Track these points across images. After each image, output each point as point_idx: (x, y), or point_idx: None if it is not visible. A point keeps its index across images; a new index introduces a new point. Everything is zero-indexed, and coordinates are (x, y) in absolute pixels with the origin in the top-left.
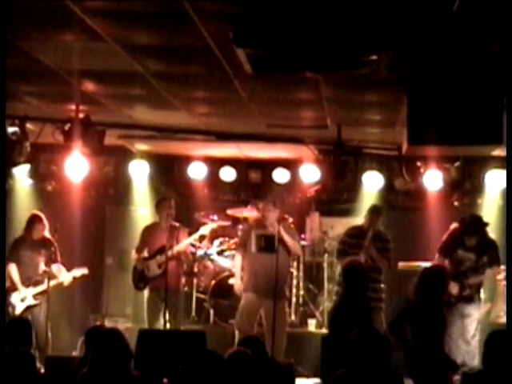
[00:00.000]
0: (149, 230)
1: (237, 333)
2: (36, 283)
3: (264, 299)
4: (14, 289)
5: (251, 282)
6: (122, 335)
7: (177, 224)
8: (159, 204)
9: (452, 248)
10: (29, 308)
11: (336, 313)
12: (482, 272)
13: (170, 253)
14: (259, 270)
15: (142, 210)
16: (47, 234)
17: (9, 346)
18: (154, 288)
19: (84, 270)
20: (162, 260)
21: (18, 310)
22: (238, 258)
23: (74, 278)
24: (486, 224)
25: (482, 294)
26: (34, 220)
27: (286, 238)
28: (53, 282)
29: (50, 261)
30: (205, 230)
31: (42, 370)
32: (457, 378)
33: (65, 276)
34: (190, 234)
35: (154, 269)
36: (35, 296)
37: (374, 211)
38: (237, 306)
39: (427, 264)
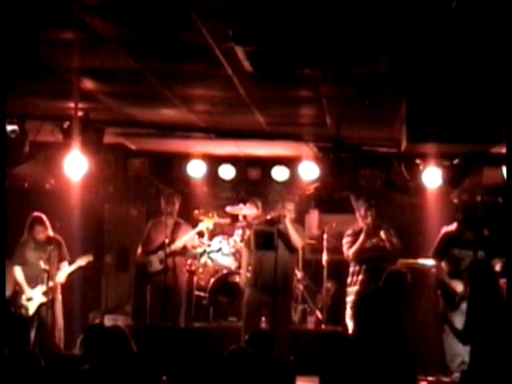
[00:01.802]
0: (154, 225)
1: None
2: (43, 281)
3: (268, 297)
4: (22, 291)
5: (257, 280)
6: (125, 334)
7: (181, 220)
8: (162, 200)
9: (446, 249)
10: (41, 306)
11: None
12: None
13: (169, 249)
14: (265, 267)
15: (141, 207)
16: (51, 232)
17: (7, 345)
18: (155, 284)
19: (89, 257)
20: (164, 256)
21: (31, 310)
22: (246, 252)
23: (81, 267)
24: (485, 219)
25: None
26: (34, 222)
27: (292, 232)
28: (57, 279)
29: (52, 260)
30: (203, 226)
31: None
32: (456, 375)
33: (62, 275)
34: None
35: (155, 264)
36: (44, 293)
37: (364, 206)
38: (236, 303)
39: (426, 261)
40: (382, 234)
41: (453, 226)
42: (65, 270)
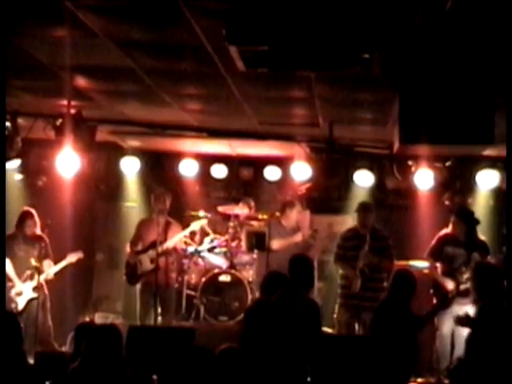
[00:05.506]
0: (144, 224)
1: None
2: (32, 276)
3: None
4: (12, 285)
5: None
6: (119, 332)
7: (171, 219)
8: (152, 198)
9: (440, 249)
10: (30, 301)
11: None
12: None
13: (161, 248)
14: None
15: (133, 206)
16: (38, 231)
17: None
18: (145, 283)
19: (79, 254)
20: (155, 255)
21: (21, 305)
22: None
23: (71, 264)
24: (477, 221)
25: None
26: (25, 216)
27: None
28: (43, 277)
29: (41, 257)
30: (195, 226)
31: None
32: (442, 377)
33: (54, 269)
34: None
35: (146, 264)
36: (34, 289)
37: (363, 209)
38: (227, 303)
39: (419, 263)
40: (374, 259)
41: (448, 228)
42: (53, 268)
